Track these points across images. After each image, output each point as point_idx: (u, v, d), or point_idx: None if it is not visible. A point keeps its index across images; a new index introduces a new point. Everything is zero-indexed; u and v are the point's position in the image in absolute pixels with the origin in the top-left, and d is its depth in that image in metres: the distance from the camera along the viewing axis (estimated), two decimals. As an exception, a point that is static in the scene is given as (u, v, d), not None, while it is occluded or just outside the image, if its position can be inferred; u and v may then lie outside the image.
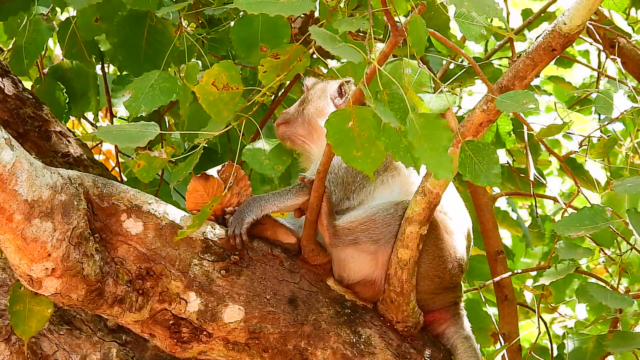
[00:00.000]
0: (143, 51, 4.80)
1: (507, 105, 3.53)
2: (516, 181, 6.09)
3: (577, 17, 3.53)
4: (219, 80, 3.94)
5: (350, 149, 3.38)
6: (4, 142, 3.54)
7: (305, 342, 3.99)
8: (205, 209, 3.82)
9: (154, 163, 4.00)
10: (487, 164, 3.56)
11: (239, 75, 3.95)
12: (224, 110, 3.97)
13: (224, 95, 3.95)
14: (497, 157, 3.56)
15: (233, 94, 3.95)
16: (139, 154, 3.98)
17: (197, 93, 3.93)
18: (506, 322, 5.51)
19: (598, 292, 4.17)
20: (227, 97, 3.96)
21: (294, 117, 4.45)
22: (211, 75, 3.94)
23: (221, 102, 3.96)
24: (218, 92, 3.95)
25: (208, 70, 3.93)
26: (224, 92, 3.95)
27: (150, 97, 4.34)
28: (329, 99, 4.39)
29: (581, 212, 4.16)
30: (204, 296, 3.93)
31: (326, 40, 3.46)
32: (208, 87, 3.93)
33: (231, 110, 3.97)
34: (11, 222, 3.61)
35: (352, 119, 3.36)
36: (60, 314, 4.23)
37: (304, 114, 4.41)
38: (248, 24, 4.55)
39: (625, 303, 4.11)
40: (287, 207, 4.06)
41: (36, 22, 5.04)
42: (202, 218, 3.82)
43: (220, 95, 3.95)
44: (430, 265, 4.08)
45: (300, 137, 4.43)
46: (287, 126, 4.46)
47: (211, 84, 3.93)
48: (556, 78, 6.50)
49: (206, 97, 3.94)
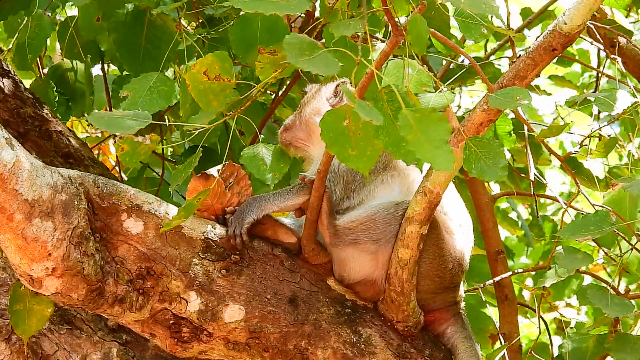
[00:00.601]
0: (143, 48, 4.79)
1: (501, 102, 3.52)
2: (517, 181, 6.09)
3: (577, 17, 3.53)
4: (211, 70, 3.92)
5: (345, 147, 3.35)
6: (5, 142, 3.54)
7: (306, 342, 3.99)
8: (192, 201, 3.80)
9: (138, 149, 3.98)
10: (492, 158, 3.54)
11: (232, 67, 3.94)
12: (214, 100, 3.95)
13: (214, 86, 3.94)
14: (502, 151, 3.53)
15: (224, 85, 3.94)
16: (124, 137, 3.97)
17: (187, 80, 3.91)
18: (506, 322, 5.51)
19: (598, 296, 4.16)
20: (218, 88, 3.94)
21: (293, 122, 4.47)
22: (203, 64, 3.93)
23: (211, 92, 3.94)
24: (209, 81, 3.93)
25: (201, 59, 3.91)
26: (214, 83, 3.93)
27: (148, 100, 4.34)
28: (324, 99, 4.41)
29: (586, 218, 4.13)
30: (204, 296, 3.93)
31: (301, 52, 3.37)
32: (199, 75, 3.92)
33: (221, 102, 3.95)
34: (12, 221, 3.60)
35: (347, 118, 3.34)
36: (60, 314, 4.23)
37: (301, 117, 4.44)
38: (247, 25, 4.55)
39: (625, 309, 4.09)
40: (287, 206, 4.07)
41: (38, 18, 5.03)
42: (188, 209, 3.80)
43: (210, 85, 3.93)
44: (431, 264, 4.08)
45: (300, 141, 4.45)
46: (287, 132, 4.49)
47: (202, 73, 3.92)
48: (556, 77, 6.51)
49: (196, 85, 3.93)
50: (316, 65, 3.35)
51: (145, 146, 3.99)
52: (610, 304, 4.10)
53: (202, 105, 3.95)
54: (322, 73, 3.39)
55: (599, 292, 4.19)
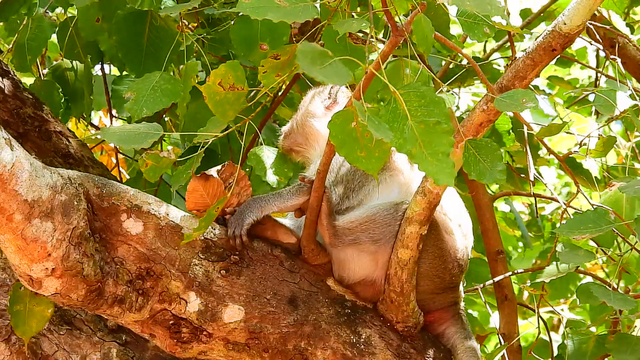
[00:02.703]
0: (144, 48, 4.79)
1: (506, 104, 3.52)
2: (515, 181, 6.10)
3: (577, 17, 3.53)
4: (226, 80, 3.92)
5: (354, 149, 3.35)
6: (4, 142, 3.54)
7: (305, 342, 3.99)
8: (211, 211, 3.82)
9: (161, 163, 4.00)
10: (491, 161, 3.55)
11: (244, 75, 3.95)
12: (230, 110, 3.95)
13: (230, 96, 3.94)
14: (500, 154, 3.55)
15: (239, 94, 3.94)
16: (148, 153, 3.97)
17: (204, 93, 3.90)
18: (506, 322, 5.52)
19: (600, 291, 4.16)
20: (233, 98, 3.95)
21: (290, 128, 4.51)
22: (218, 75, 3.92)
23: (227, 102, 3.94)
24: (224, 92, 3.93)
25: (215, 70, 3.92)
26: (230, 93, 3.93)
27: (152, 99, 4.33)
28: (318, 101, 4.43)
29: (585, 215, 4.13)
30: (204, 296, 3.93)
31: (313, 61, 3.38)
32: (215, 87, 3.92)
33: (236, 111, 3.97)
34: (11, 222, 3.60)
35: (355, 119, 3.33)
36: (60, 314, 4.22)
37: (297, 121, 4.47)
38: (248, 24, 4.55)
39: (627, 304, 4.10)
40: (287, 207, 4.07)
41: (39, 19, 5.03)
42: (208, 220, 3.82)
43: (226, 95, 3.94)
44: (431, 265, 4.08)
45: (299, 145, 4.48)
46: (286, 139, 4.53)
47: (218, 84, 3.92)
48: (556, 78, 6.52)
49: (213, 96, 3.93)
50: (328, 74, 3.35)
51: (167, 159, 3.99)
52: (613, 299, 4.10)
53: (219, 116, 3.96)
54: (334, 83, 3.40)
55: (600, 288, 4.19)
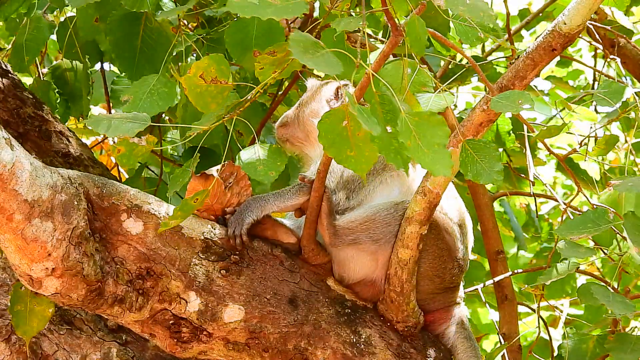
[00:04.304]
0: (139, 51, 4.78)
1: (503, 105, 3.53)
2: (513, 181, 6.10)
3: (577, 17, 3.54)
4: (207, 73, 3.92)
5: (343, 149, 3.34)
6: (4, 142, 3.54)
7: (306, 342, 3.99)
8: (189, 200, 3.80)
9: (135, 150, 3.98)
10: (488, 162, 3.56)
11: (229, 69, 3.93)
12: (212, 103, 3.94)
13: (211, 89, 3.93)
14: (498, 155, 3.56)
15: (222, 87, 3.93)
16: (120, 139, 3.96)
17: (183, 84, 3.91)
18: (506, 322, 5.52)
19: (600, 293, 4.16)
20: (215, 91, 3.94)
21: (291, 119, 4.46)
22: (199, 68, 3.92)
23: (209, 95, 3.93)
24: (206, 84, 3.93)
25: (197, 62, 3.92)
26: (211, 86, 3.92)
27: (148, 103, 4.33)
28: (324, 101, 4.40)
29: (584, 215, 4.13)
30: (204, 296, 3.93)
31: (305, 50, 3.38)
32: (195, 79, 3.91)
33: (220, 105, 3.95)
34: (11, 222, 3.60)
35: (346, 119, 3.33)
36: (60, 314, 4.22)
37: (300, 117, 4.44)
38: (243, 27, 4.54)
39: (627, 308, 4.09)
40: (287, 207, 4.07)
41: (37, 20, 5.03)
42: (185, 209, 3.80)
43: (207, 88, 3.93)
44: (431, 265, 4.08)
45: (298, 140, 4.45)
46: (285, 129, 4.47)
47: (199, 76, 3.92)
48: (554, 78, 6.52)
49: (193, 88, 3.93)
50: (319, 63, 3.36)
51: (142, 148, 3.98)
52: (612, 301, 4.09)
53: (200, 108, 3.95)
54: (324, 72, 3.40)
55: (601, 289, 4.19)
